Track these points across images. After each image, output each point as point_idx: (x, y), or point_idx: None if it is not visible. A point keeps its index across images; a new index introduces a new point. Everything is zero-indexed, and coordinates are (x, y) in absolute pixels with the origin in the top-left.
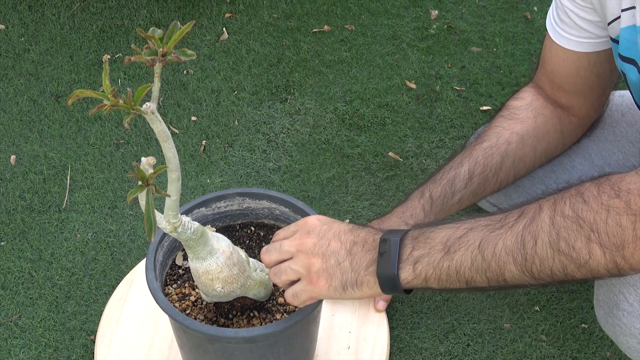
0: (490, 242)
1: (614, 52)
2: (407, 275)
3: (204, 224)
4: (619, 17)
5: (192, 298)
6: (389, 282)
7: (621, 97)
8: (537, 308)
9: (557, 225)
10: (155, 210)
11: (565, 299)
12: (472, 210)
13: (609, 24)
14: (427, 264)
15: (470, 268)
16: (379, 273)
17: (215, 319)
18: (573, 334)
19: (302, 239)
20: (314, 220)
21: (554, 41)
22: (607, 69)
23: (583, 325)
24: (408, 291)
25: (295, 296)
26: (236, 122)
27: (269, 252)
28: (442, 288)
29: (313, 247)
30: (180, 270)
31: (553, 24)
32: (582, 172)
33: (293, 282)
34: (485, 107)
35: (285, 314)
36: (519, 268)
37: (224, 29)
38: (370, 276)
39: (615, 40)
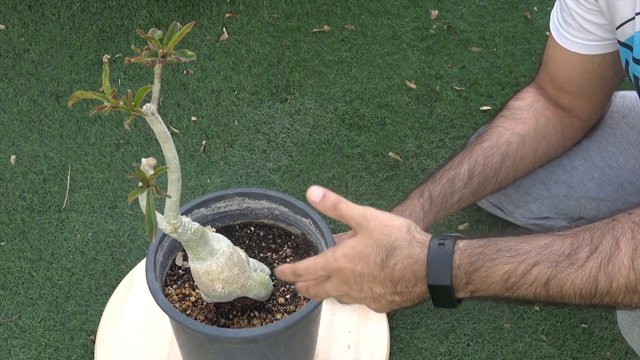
0: (558, 282)
1: (622, 56)
2: (465, 296)
3: (203, 224)
4: (632, 19)
5: (193, 298)
6: (445, 306)
7: (622, 98)
8: (537, 308)
9: (638, 268)
10: (156, 211)
11: None
12: (472, 210)
13: (618, 27)
14: (487, 295)
15: (532, 299)
16: (436, 306)
17: (215, 319)
18: (573, 334)
19: (344, 289)
20: (343, 262)
21: (557, 43)
22: (610, 71)
23: (583, 325)
24: None
25: (316, 296)
26: (236, 122)
27: (304, 289)
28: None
29: (359, 296)
30: (180, 271)
31: (557, 26)
32: (582, 173)
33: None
34: (485, 107)
35: (285, 314)
36: (583, 301)
37: (224, 29)
38: (422, 300)
39: (626, 45)
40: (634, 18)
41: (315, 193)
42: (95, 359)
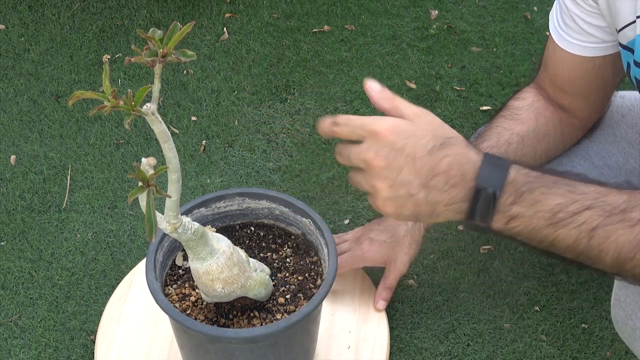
0: (605, 232)
1: (624, 59)
2: (497, 225)
3: (203, 224)
4: (634, 22)
5: (193, 298)
6: (476, 227)
7: (622, 98)
8: (537, 308)
9: None
10: (156, 211)
11: (565, 299)
12: None
13: (619, 30)
14: (525, 225)
15: (569, 246)
16: (465, 222)
17: (215, 319)
18: (573, 334)
19: (369, 156)
20: (386, 129)
21: (557, 45)
22: (610, 72)
23: (583, 325)
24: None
25: (339, 154)
26: (236, 122)
27: (339, 126)
28: (524, 244)
29: (380, 171)
30: (180, 271)
31: (557, 28)
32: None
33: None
34: (485, 107)
35: (285, 314)
36: (615, 263)
37: (224, 29)
38: (450, 213)
39: (627, 48)
40: (634, 21)
41: (374, 85)
42: (95, 359)
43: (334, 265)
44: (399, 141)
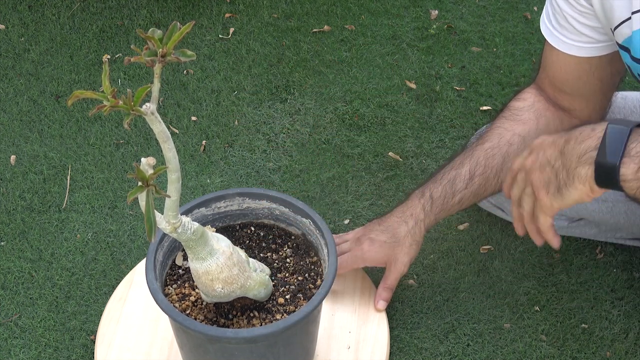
0: None
1: (623, 57)
2: (628, 172)
3: (203, 224)
4: (629, 19)
5: (192, 298)
6: (606, 173)
7: (623, 99)
8: (537, 308)
9: None
10: (155, 211)
11: (565, 299)
12: (472, 210)
13: (615, 28)
14: None
15: None
16: (597, 161)
17: (215, 319)
18: (573, 334)
19: (525, 159)
20: (540, 139)
21: (553, 46)
22: (608, 72)
23: (583, 325)
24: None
25: (520, 205)
26: (236, 122)
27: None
28: None
29: (532, 165)
30: (180, 271)
31: (551, 28)
32: None
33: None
34: (485, 107)
35: (285, 314)
36: None
37: (231, 29)
38: (582, 167)
39: (623, 47)
40: (630, 18)
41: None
42: (95, 359)
43: (334, 266)
44: (551, 136)
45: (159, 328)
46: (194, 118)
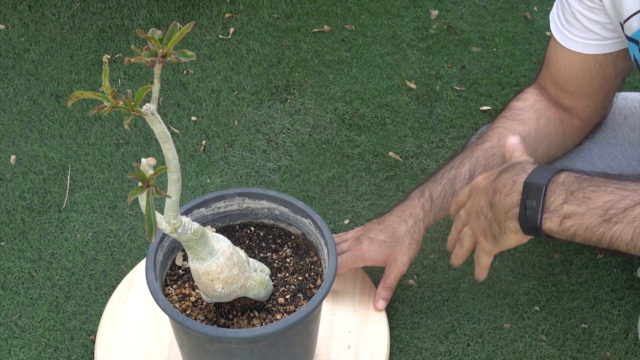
0: None
1: (631, 50)
2: (552, 226)
3: (203, 224)
4: (638, 12)
5: (192, 298)
6: (531, 229)
7: (624, 100)
8: (537, 308)
9: None
10: (156, 211)
11: (565, 299)
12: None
13: (624, 21)
14: (579, 224)
15: (628, 243)
16: (521, 221)
17: (215, 319)
18: (573, 334)
19: (465, 199)
20: (478, 179)
21: (559, 43)
22: (612, 70)
23: (583, 325)
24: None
25: (461, 241)
26: (236, 122)
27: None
28: (585, 245)
29: (470, 209)
30: (180, 271)
31: (559, 25)
32: None
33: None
34: (485, 107)
35: (285, 314)
36: None
37: (231, 28)
38: (509, 221)
39: (633, 39)
40: (639, 11)
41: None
42: (95, 359)
43: (334, 265)
44: (485, 179)
45: (159, 328)
46: (194, 118)
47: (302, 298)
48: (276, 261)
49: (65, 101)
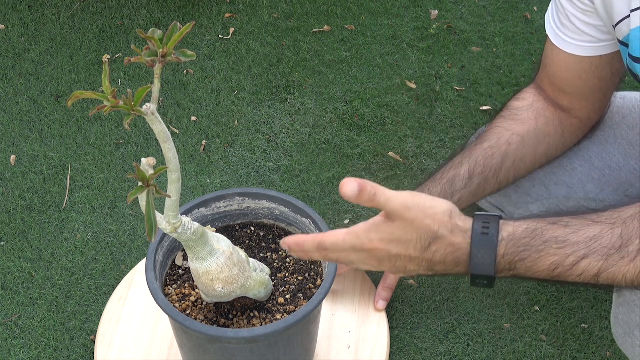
0: (609, 275)
1: (622, 54)
2: (504, 277)
3: (203, 224)
4: (628, 17)
5: (192, 298)
6: (482, 283)
7: (623, 99)
8: (537, 308)
9: None
10: (156, 211)
11: (565, 299)
12: (471, 210)
13: (615, 25)
14: (529, 276)
15: (579, 284)
16: (472, 283)
17: (215, 319)
18: (573, 334)
19: (372, 264)
20: (379, 244)
21: (554, 45)
22: (608, 72)
23: (583, 325)
24: None
25: (337, 260)
26: (236, 122)
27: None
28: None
29: (389, 270)
30: (180, 271)
31: (554, 27)
32: (582, 174)
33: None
34: (485, 107)
35: (285, 314)
36: (632, 287)
37: (231, 29)
38: (460, 269)
39: (624, 43)
40: (629, 16)
41: (351, 187)
42: (95, 359)
43: (334, 265)
44: (393, 250)
45: (159, 328)
46: (194, 118)
47: (302, 298)
48: (276, 261)
49: (65, 101)
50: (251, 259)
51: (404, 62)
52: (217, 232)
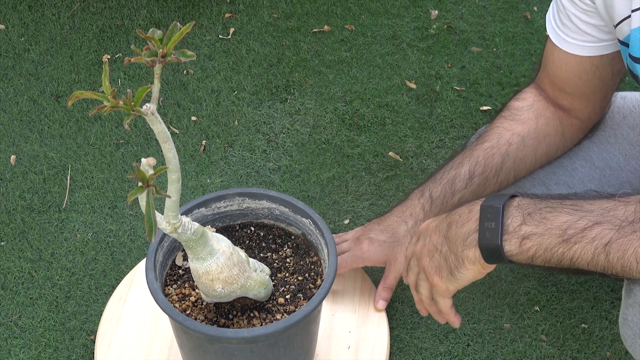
0: (620, 246)
1: (622, 54)
2: (512, 248)
3: (203, 224)
4: (629, 17)
5: (192, 298)
6: (491, 253)
7: (623, 99)
8: (537, 308)
9: None
10: (156, 211)
11: (565, 299)
12: None
13: (616, 25)
14: (539, 244)
15: (589, 262)
16: (480, 245)
17: (215, 319)
18: (573, 334)
19: (415, 245)
20: (425, 223)
21: (555, 45)
22: (609, 72)
23: (583, 325)
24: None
25: (418, 290)
26: (236, 122)
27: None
28: (547, 267)
29: (421, 250)
30: (180, 271)
31: (555, 27)
32: (582, 174)
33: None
34: (485, 107)
35: (285, 314)
36: None
37: (231, 29)
38: (468, 250)
39: (624, 43)
40: (629, 16)
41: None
42: (95, 359)
43: (334, 265)
44: (433, 222)
45: (159, 328)
46: (194, 118)
47: (302, 298)
48: (276, 261)
49: (65, 101)
50: (251, 259)
51: (404, 62)
52: (217, 232)
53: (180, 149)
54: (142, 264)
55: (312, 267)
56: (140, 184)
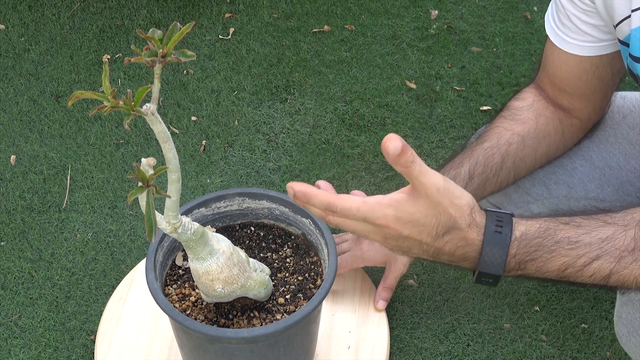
0: (621, 277)
1: (623, 54)
2: (509, 275)
3: (203, 224)
4: (629, 17)
5: (192, 298)
6: (487, 281)
7: (623, 99)
8: (537, 308)
9: None
10: (156, 211)
11: (565, 299)
12: None
13: (616, 25)
14: (537, 276)
15: (588, 285)
16: (477, 280)
17: (215, 319)
18: (573, 334)
19: (377, 239)
20: (392, 222)
21: (555, 45)
22: (609, 72)
23: (583, 325)
24: None
25: (337, 225)
26: (236, 122)
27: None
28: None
29: (390, 247)
30: (180, 271)
31: (554, 27)
32: (582, 174)
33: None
34: (485, 107)
35: (285, 314)
36: None
37: (231, 29)
38: (466, 264)
39: (624, 43)
40: (629, 16)
41: (394, 145)
42: (95, 359)
43: (334, 266)
44: (404, 231)
45: (159, 328)
46: (194, 118)
47: (302, 298)
48: (276, 261)
49: (65, 101)
50: (251, 259)
51: (404, 62)
52: (217, 232)
53: (180, 149)
54: (142, 264)
55: (312, 267)
56: (140, 184)
